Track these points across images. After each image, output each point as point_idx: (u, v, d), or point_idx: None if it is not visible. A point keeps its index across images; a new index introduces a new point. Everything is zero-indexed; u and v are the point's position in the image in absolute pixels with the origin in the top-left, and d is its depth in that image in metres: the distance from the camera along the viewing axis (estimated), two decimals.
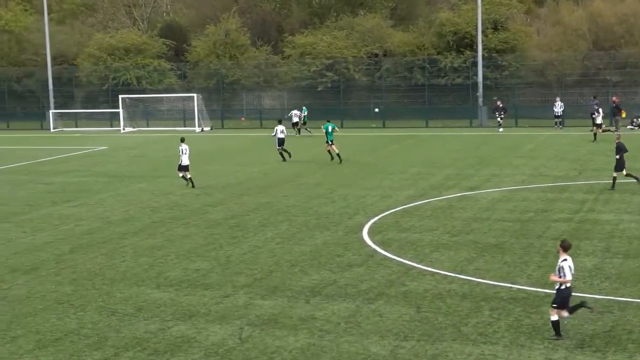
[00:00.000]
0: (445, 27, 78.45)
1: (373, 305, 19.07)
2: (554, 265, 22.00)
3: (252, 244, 26.08)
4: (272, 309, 19.04)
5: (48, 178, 43.03)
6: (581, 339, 16.47)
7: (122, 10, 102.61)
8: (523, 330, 17.10)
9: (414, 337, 16.88)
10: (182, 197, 35.40)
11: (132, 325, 18.19)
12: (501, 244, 24.99)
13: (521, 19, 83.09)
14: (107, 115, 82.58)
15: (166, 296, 20.40)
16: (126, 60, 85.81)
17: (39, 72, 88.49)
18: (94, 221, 30.60)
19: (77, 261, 24.41)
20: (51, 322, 18.57)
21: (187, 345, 16.78)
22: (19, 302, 20.31)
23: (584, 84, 75.86)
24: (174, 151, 55.29)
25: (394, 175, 39.90)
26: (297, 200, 33.91)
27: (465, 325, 17.51)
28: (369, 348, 16.35)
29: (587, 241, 25.05)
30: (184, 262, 23.85)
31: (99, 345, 16.93)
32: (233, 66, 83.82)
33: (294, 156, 46.42)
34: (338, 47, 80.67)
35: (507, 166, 42.25)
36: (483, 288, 20.31)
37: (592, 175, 38.53)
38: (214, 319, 18.44)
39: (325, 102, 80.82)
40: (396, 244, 25.36)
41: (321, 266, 22.96)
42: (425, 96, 77.78)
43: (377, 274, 21.97)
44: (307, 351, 16.29)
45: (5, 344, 17.20)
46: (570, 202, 31.70)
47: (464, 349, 16.13)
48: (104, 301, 20.14)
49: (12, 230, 29.35)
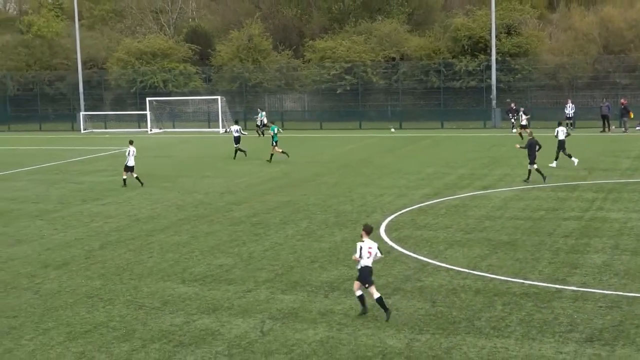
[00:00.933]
0: (460, 32, 78.32)
1: (390, 299, 19.06)
2: (565, 261, 22.10)
3: (273, 240, 26.12)
4: (293, 303, 19.08)
5: (78, 177, 43.25)
6: (590, 333, 16.42)
7: (150, 16, 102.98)
8: (534, 324, 17.06)
9: (429, 331, 16.87)
10: (207, 196, 35.49)
11: (158, 318, 18.27)
12: (513, 241, 24.93)
13: (534, 23, 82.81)
14: (135, 117, 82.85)
15: (191, 291, 20.47)
16: (153, 64, 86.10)
17: (70, 76, 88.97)
18: (122, 219, 30.73)
19: (106, 257, 24.53)
20: (81, 315, 18.67)
21: (211, 338, 16.83)
22: (50, 295, 20.44)
23: (594, 86, 75.59)
24: (198, 152, 55.61)
25: (410, 175, 39.87)
26: (316, 199, 33.93)
27: (479, 320, 17.49)
28: (386, 341, 16.36)
29: (597, 239, 24.96)
30: (208, 258, 23.92)
31: (126, 338, 17.02)
32: (256, 70, 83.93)
33: (314, 157, 46.42)
34: (357, 51, 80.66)
35: (518, 166, 42.05)
36: (496, 283, 20.27)
37: (601, 175, 38.35)
38: (237, 313, 18.49)
39: (344, 104, 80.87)
40: (412, 241, 25.35)
41: (340, 262, 22.97)
42: (440, 98, 77.68)
43: (393, 269, 21.97)
44: (326, 344, 16.31)
45: (38, 335, 17.32)
46: (580, 200, 31.58)
47: (477, 342, 16.11)
48: (132, 295, 20.23)
49: (44, 227, 29.52)
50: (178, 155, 53.66)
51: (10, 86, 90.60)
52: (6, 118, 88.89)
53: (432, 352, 15.71)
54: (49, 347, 16.57)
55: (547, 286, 19.89)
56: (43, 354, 16.19)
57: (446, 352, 15.70)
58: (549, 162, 39.98)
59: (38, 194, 37.84)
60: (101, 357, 15.92)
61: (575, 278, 20.56)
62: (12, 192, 38.29)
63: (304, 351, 15.96)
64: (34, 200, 35.83)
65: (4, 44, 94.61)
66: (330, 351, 15.91)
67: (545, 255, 23.05)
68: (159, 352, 16.10)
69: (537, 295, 19.12)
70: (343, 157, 47.25)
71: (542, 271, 21.36)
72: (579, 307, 18.14)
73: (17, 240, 27.47)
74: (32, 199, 36.15)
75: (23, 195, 37.24)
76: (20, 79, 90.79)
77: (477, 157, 47.06)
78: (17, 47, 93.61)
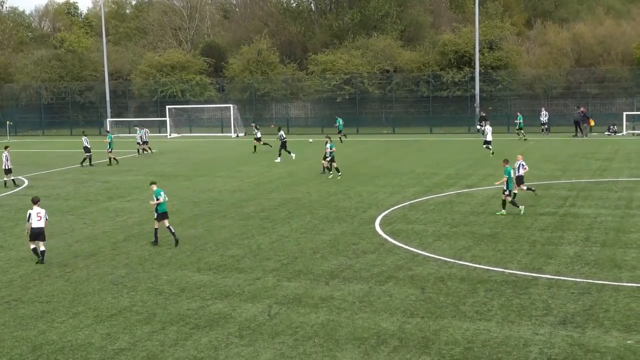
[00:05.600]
0: (447, 47, 78.41)
1: (384, 286, 19.03)
2: (541, 252, 22.05)
3: (279, 233, 26.08)
4: (297, 290, 19.04)
5: (105, 177, 43.21)
6: (563, 317, 16.37)
7: (169, 32, 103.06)
8: (513, 309, 17.02)
9: (419, 315, 16.83)
10: (220, 194, 35.44)
11: (176, 303, 18.23)
12: (495, 234, 24.88)
13: (513, 39, 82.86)
14: (156, 123, 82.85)
15: (206, 278, 20.43)
16: (172, 75, 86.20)
17: (98, 86, 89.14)
18: (144, 214, 30.67)
19: (130, 248, 24.49)
20: (107, 301, 18.64)
21: (224, 321, 16.80)
22: (80, 283, 20.40)
23: (567, 96, 75.65)
24: (213, 154, 55.54)
25: (402, 175, 39.81)
26: (318, 196, 33.88)
27: (464, 305, 17.44)
28: (380, 324, 16.32)
29: (570, 232, 24.91)
30: (221, 249, 23.88)
31: (148, 320, 16.98)
32: (264, 81, 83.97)
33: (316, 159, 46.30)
34: (354, 64, 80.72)
35: (500, 167, 41.96)
36: (479, 272, 20.22)
37: (573, 175, 38.28)
38: (247, 298, 18.45)
39: (343, 111, 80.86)
40: (404, 234, 25.30)
41: (339, 253, 22.93)
42: (429, 106, 77.70)
43: (387, 259, 21.93)
44: (326, 326, 16.27)
45: (69, 319, 17.29)
46: (555, 198, 31.51)
47: (462, 325, 16.07)
48: (153, 283, 20.19)
49: (74, 222, 29.49)
50: (194, 157, 53.60)
51: (44, 95, 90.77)
52: (41, 124, 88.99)
53: (422, 333, 15.67)
54: (78, 329, 16.54)
55: (525, 274, 19.84)
56: (73, 335, 16.16)
57: (434, 333, 15.65)
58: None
59: (69, 192, 37.81)
60: (125, 338, 15.88)
61: (550, 267, 20.51)
62: (46, 190, 38.26)
63: (307, 333, 15.92)
64: (65, 198, 35.80)
65: (40, 58, 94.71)
66: (330, 333, 15.87)
67: (524, 247, 23.00)
68: (177, 334, 16.06)
69: (516, 283, 19.07)
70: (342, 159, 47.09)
71: (520, 261, 21.31)
72: (553, 293, 18.09)
73: (50, 233, 27.35)
74: (63, 197, 36.11)
75: (55, 193, 37.21)
76: (53, 89, 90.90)
77: (463, 159, 47.00)
78: (51, 61, 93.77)
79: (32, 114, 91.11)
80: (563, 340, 15.09)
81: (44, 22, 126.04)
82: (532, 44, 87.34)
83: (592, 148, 51.98)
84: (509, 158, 31.09)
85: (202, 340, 15.67)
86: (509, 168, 28.49)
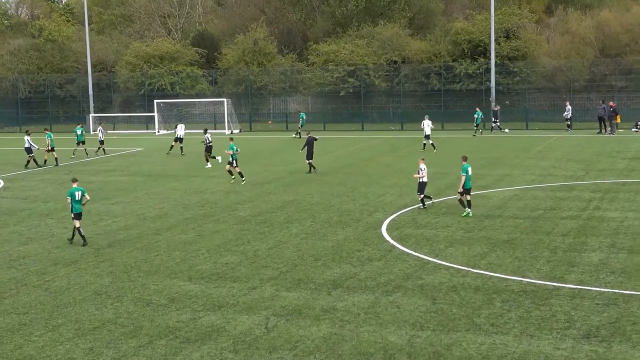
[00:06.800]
0: (460, 36, 78.36)
1: (391, 297, 19.02)
2: (563, 260, 22.04)
3: (278, 239, 26.08)
4: (297, 301, 19.03)
5: (87, 177, 43.19)
6: (587, 330, 16.35)
7: (158, 20, 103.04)
8: (532, 321, 17.00)
9: (430, 327, 16.82)
10: (213, 195, 35.45)
11: (165, 315, 18.23)
12: (512, 240, 24.87)
13: (532, 28, 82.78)
14: (143, 118, 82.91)
15: (197, 288, 20.42)
16: (161, 67, 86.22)
17: (80, 79, 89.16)
18: (130, 217, 30.70)
19: (114, 255, 24.50)
20: (90, 312, 18.63)
21: (217, 334, 16.79)
22: (60, 292, 20.40)
23: (590, 89, 75.55)
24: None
25: (412, 175, 39.69)
26: (320, 198, 33.89)
27: (478, 317, 17.43)
28: (387, 337, 16.30)
29: (594, 237, 24.90)
30: (214, 256, 23.88)
31: (134, 334, 16.97)
32: (261, 73, 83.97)
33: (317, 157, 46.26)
34: (359, 54, 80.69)
35: (518, 167, 42.07)
36: (495, 281, 20.21)
37: (598, 175, 38.27)
38: (242, 310, 18.44)
39: (347, 106, 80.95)
40: (413, 240, 25.29)
41: (342, 260, 22.92)
42: (441, 101, 77.67)
43: (395, 267, 21.92)
44: (329, 340, 16.26)
45: (48, 332, 17.28)
46: (578, 200, 31.50)
47: (477, 339, 16.05)
48: (139, 292, 20.19)
49: (54, 226, 29.51)
50: (184, 156, 53.58)
51: (21, 89, 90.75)
52: (18, 120, 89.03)
53: (433, 348, 15.65)
54: (58, 343, 16.53)
55: (545, 284, 19.82)
56: (52, 350, 16.15)
57: (446, 348, 15.64)
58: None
59: (48, 193, 37.82)
60: (109, 353, 15.87)
61: (573, 276, 20.49)
62: (24, 192, 38.28)
63: (308, 347, 15.90)
64: (44, 200, 35.81)
65: (16, 48, 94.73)
66: (333, 347, 15.86)
67: (544, 254, 22.99)
68: (165, 348, 16.05)
69: (535, 293, 19.05)
70: (346, 158, 47.15)
71: (540, 269, 21.30)
72: (576, 304, 18.07)
73: (28, 238, 27.46)
74: (42, 199, 36.13)
75: (34, 195, 37.23)
76: (31, 81, 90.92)
77: (477, 157, 46.92)
78: (29, 51, 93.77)
79: (8, 109, 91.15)
80: (587, 355, 15.07)
81: (21, 9, 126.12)
82: (552, 32, 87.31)
83: (618, 146, 51.97)
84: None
85: (194, 355, 15.66)
86: (466, 165, 29.18)
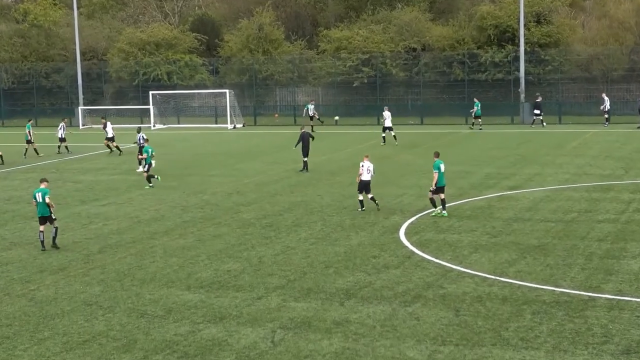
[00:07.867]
0: (486, 21, 78.23)
1: (410, 308, 19.02)
2: (599, 267, 22.00)
3: (285, 244, 26.10)
4: (306, 312, 19.04)
5: (76, 176, 43.34)
6: (627, 345, 16.32)
7: (153, 4, 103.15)
8: (566, 335, 16.98)
9: (452, 342, 16.81)
10: (213, 196, 35.51)
11: (161, 327, 18.26)
12: (543, 245, 24.83)
13: (565, 11, 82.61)
14: (137, 111, 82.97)
15: (197, 298, 20.46)
16: (157, 55, 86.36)
17: (68, 68, 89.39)
18: (122, 220, 30.77)
19: (106, 261, 24.55)
20: (79, 324, 18.68)
21: (218, 349, 16.81)
22: (46, 303, 20.45)
23: (630, 79, 75.29)
24: (205, 149, 55.66)
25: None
26: (331, 199, 33.90)
27: (506, 330, 17.41)
28: (406, 352, 16.30)
29: (634, 243, 24.84)
30: (215, 263, 23.92)
31: (127, 348, 17.01)
32: (266, 61, 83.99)
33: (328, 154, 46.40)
34: (375, 41, 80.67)
35: (549, 165, 42.00)
36: (524, 291, 20.18)
37: (638, 174, 38.18)
38: (246, 322, 18.47)
39: (361, 98, 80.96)
40: (434, 245, 25.29)
41: (356, 268, 22.93)
42: (464, 92, 77.53)
43: (414, 275, 21.91)
44: (341, 355, 16.26)
45: (33, 346, 17.33)
46: (616, 202, 31.44)
47: (505, 354, 16.03)
48: (133, 303, 20.23)
49: None
50: (183, 153, 53.71)
51: (4, 79, 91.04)
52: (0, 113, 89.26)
53: None
54: (44, 359, 16.58)
55: (579, 294, 19.79)
56: None
57: None
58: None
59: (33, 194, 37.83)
60: None
61: (610, 285, 20.45)
62: (7, 192, 38.41)
63: None
64: (29, 201, 35.83)
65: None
66: None
67: (578, 261, 22.95)
68: None
69: (569, 304, 19.02)
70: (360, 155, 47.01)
71: (574, 278, 21.26)
72: (614, 316, 18.04)
73: (11, 243, 27.56)
74: (27, 200, 36.13)
75: (18, 195, 37.35)
76: (15, 71, 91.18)
77: (505, 155, 46.94)
78: (12, 37, 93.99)
79: None
80: None
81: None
82: (588, 16, 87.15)
83: None
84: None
85: None
86: (438, 162, 29.87)
